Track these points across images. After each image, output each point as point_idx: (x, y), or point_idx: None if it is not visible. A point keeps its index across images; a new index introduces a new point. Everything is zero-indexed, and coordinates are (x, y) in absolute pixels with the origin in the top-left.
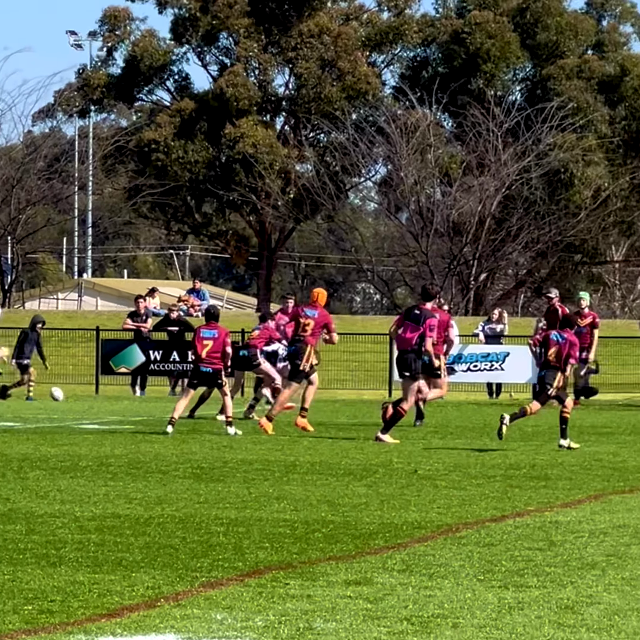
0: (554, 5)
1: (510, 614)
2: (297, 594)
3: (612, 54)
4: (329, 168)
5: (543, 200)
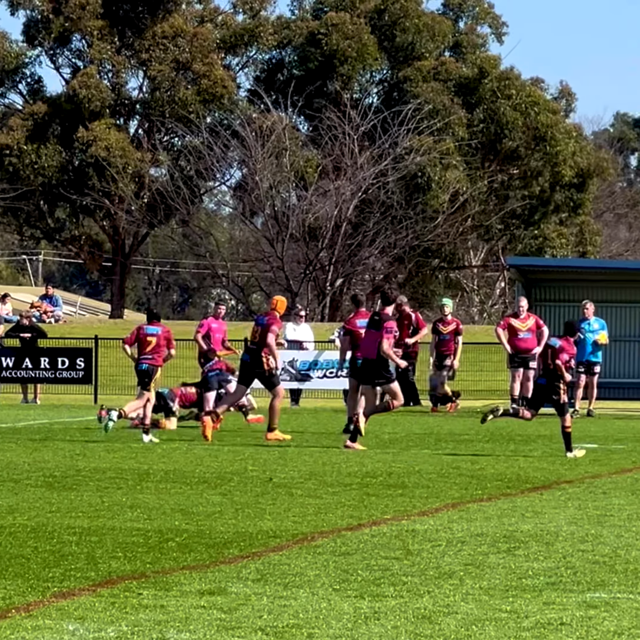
0: (411, 7)
1: (366, 624)
2: (150, 604)
3: (469, 55)
4: (183, 172)
5: (400, 205)
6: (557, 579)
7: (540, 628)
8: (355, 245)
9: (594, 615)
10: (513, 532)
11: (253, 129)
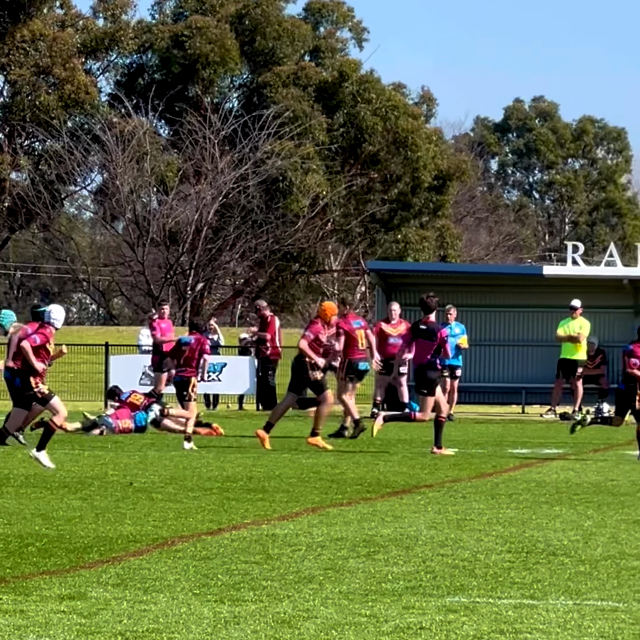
0: (272, 12)
1: (226, 628)
2: (9, 609)
3: (329, 60)
4: (44, 177)
5: (261, 209)
6: (416, 583)
7: (399, 632)
8: (216, 250)
9: (453, 619)
10: (373, 536)
11: (114, 133)
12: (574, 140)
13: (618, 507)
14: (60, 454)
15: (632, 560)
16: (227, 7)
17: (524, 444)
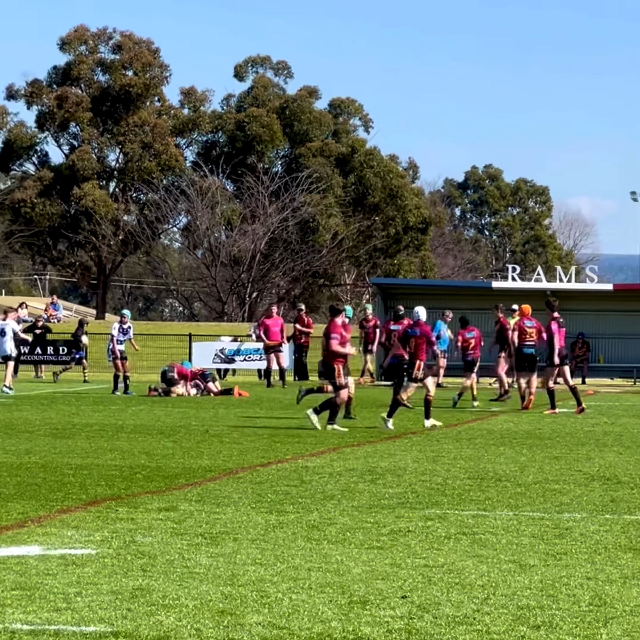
0: (305, 105)
1: (274, 531)
2: (124, 517)
3: (344, 139)
4: (146, 218)
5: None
6: (405, 500)
7: (394, 534)
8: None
9: (430, 525)
10: (374, 467)
11: (195, 188)
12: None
13: (543, 447)
14: (158, 410)
15: (553, 484)
16: (273, 102)
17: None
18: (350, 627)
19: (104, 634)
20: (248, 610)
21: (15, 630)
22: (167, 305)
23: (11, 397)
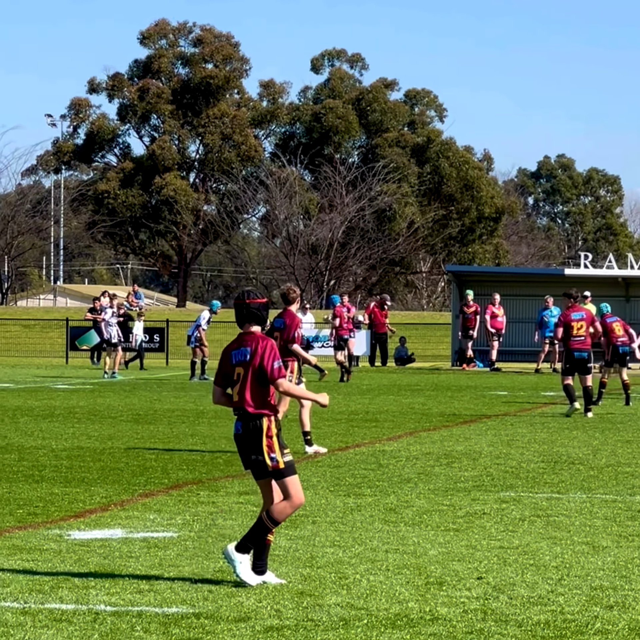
0: (381, 96)
1: (351, 514)
2: (205, 500)
3: (420, 129)
4: (226, 208)
5: (373, 230)
6: (480, 483)
7: (469, 516)
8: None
9: (505, 507)
10: (450, 451)
11: (274, 179)
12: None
13: (615, 431)
14: None
15: (625, 467)
16: (350, 93)
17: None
18: (427, 608)
19: (186, 615)
20: (327, 591)
21: (99, 612)
22: None
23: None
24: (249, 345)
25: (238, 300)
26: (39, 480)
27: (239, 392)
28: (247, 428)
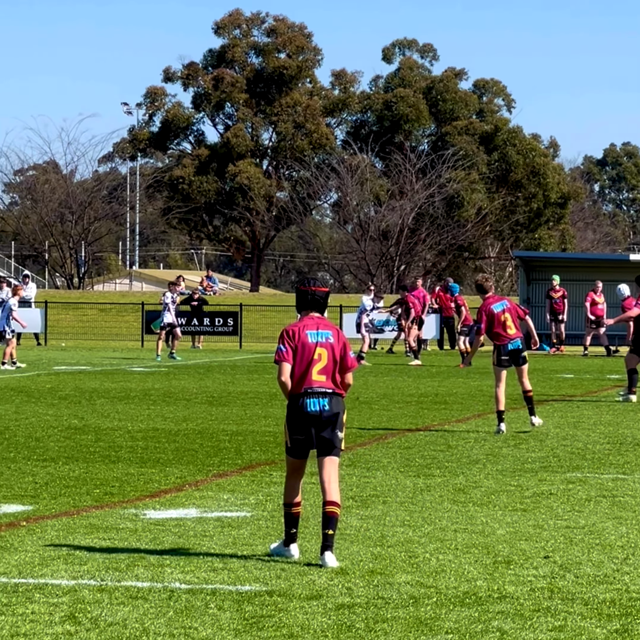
0: (451, 86)
1: (421, 494)
2: (278, 481)
3: (488, 118)
4: (298, 195)
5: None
6: (547, 464)
7: (536, 497)
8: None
9: (572, 487)
10: (518, 432)
11: (345, 166)
12: None
13: None
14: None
15: None
16: (420, 83)
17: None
18: (495, 586)
19: (259, 592)
20: (397, 570)
21: (174, 589)
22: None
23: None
24: (329, 329)
25: (303, 286)
26: (115, 460)
27: (324, 372)
28: (333, 406)
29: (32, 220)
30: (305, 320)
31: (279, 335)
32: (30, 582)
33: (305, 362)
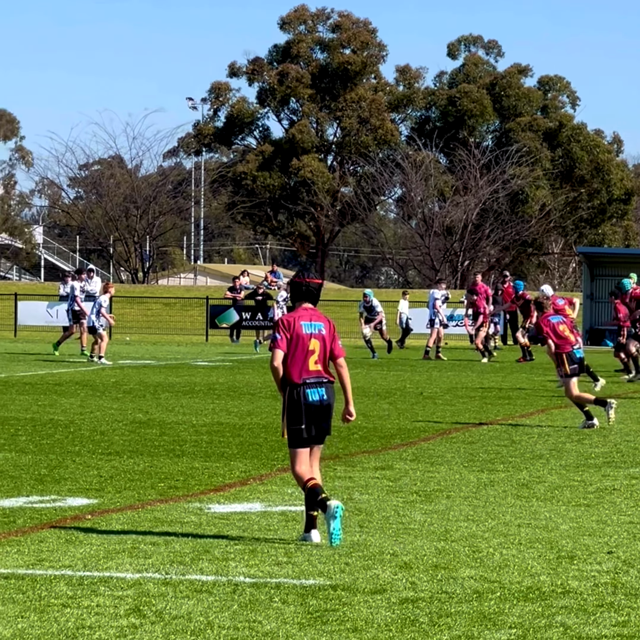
0: (514, 82)
1: (485, 489)
2: (342, 475)
3: (552, 114)
4: (363, 190)
5: (506, 212)
6: (610, 459)
7: (599, 492)
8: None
9: (635, 483)
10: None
11: (410, 161)
12: None
13: None
14: (374, 373)
15: None
16: (484, 78)
17: None
18: (558, 581)
19: (323, 586)
20: (460, 564)
21: (238, 583)
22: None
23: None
24: (321, 320)
25: (298, 278)
26: (179, 454)
27: (320, 362)
28: (329, 394)
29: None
30: (300, 311)
31: (274, 324)
32: (96, 575)
33: (303, 353)
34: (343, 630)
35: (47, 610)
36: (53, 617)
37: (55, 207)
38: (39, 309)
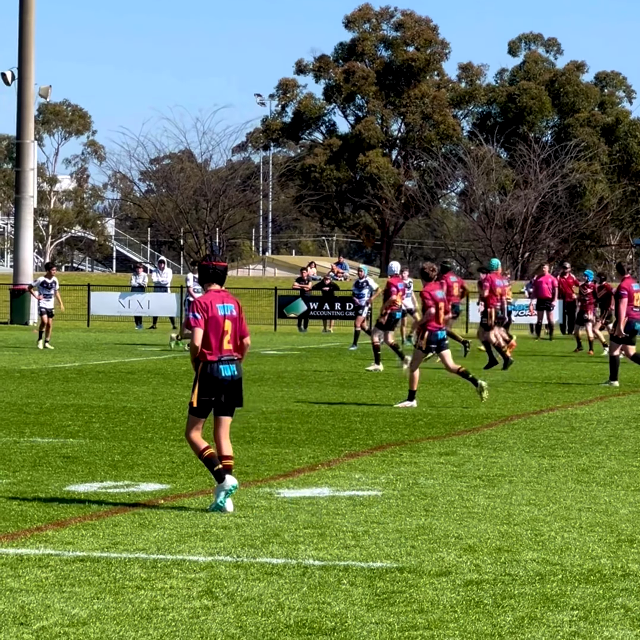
0: (573, 79)
1: (546, 474)
2: (407, 461)
3: (610, 110)
4: (426, 184)
5: (565, 205)
6: None
7: None
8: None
9: None
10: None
11: (472, 156)
12: None
13: None
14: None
15: None
16: (543, 75)
17: None
18: (618, 564)
19: (390, 569)
20: (523, 547)
21: (307, 566)
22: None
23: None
24: (231, 302)
25: (205, 261)
26: (249, 441)
27: (232, 342)
28: (239, 372)
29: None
30: (212, 293)
31: (190, 305)
32: (169, 558)
33: (219, 333)
34: (409, 612)
35: (122, 592)
36: (128, 598)
37: (127, 200)
38: (111, 300)
